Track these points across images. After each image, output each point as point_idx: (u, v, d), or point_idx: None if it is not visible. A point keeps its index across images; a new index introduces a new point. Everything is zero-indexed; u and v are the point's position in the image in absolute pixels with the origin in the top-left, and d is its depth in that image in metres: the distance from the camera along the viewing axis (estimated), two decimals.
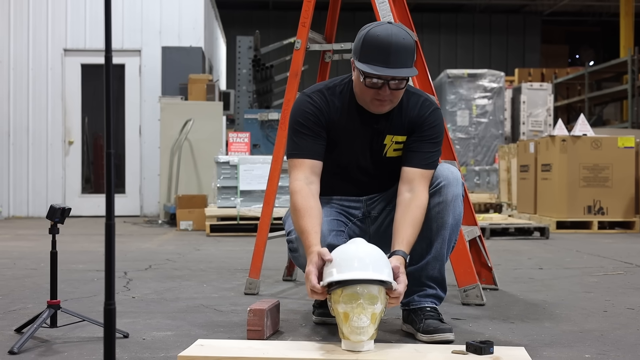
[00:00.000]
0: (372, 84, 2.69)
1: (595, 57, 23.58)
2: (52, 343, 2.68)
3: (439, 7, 22.27)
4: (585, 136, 8.59)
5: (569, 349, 2.62)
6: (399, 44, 2.65)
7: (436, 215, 2.79)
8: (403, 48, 2.66)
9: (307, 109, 2.84)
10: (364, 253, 2.50)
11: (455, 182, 2.81)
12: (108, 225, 1.61)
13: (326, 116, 2.84)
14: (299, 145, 2.82)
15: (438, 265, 2.84)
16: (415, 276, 2.84)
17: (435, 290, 2.87)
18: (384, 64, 2.64)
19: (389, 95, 2.72)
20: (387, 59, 2.64)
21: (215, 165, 8.19)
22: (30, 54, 11.29)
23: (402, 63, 2.66)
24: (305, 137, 2.82)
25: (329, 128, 2.85)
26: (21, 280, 4.34)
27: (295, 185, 2.76)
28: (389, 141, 2.87)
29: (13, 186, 11.27)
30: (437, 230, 2.80)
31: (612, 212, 8.52)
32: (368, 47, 2.67)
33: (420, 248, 2.82)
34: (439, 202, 2.79)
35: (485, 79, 13.12)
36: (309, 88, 2.94)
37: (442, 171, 2.83)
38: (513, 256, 5.87)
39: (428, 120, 2.86)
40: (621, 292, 4.00)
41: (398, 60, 2.65)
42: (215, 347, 2.52)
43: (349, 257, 2.47)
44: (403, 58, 2.66)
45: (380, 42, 2.65)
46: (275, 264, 4.90)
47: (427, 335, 2.71)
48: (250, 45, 11.73)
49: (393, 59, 2.64)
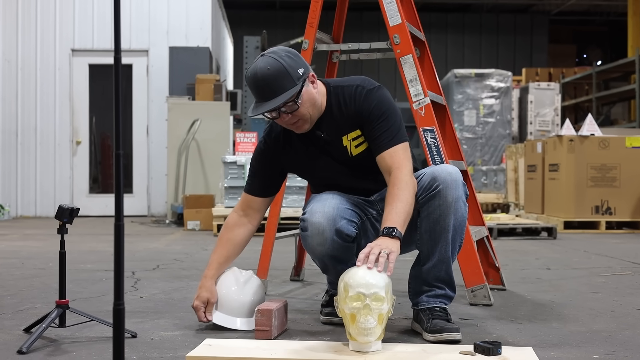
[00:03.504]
0: (272, 117, 2.81)
1: (602, 56, 23.51)
2: (61, 343, 2.69)
3: (446, 7, 22.23)
4: (593, 136, 8.57)
5: (576, 350, 2.61)
6: (263, 77, 2.71)
7: (437, 218, 2.77)
8: (269, 79, 2.71)
9: (257, 152, 3.06)
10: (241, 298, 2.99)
11: (454, 185, 2.76)
12: (117, 226, 1.61)
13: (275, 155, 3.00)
14: (247, 182, 3.10)
15: (444, 266, 2.84)
16: (423, 277, 2.85)
17: (444, 290, 2.86)
18: (261, 99, 2.74)
19: (290, 119, 2.79)
20: (261, 94, 2.73)
21: (222, 165, 8.20)
22: (38, 54, 11.33)
23: (274, 92, 2.71)
24: (253, 176, 3.07)
25: (284, 163, 3.01)
26: (30, 280, 4.35)
27: (229, 217, 3.13)
28: (346, 141, 2.89)
29: (21, 186, 11.30)
30: (440, 233, 2.79)
31: (620, 212, 8.50)
32: (250, 90, 2.81)
33: (425, 250, 2.83)
34: (439, 205, 2.76)
35: (492, 79, 13.10)
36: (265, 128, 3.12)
37: (440, 173, 2.78)
38: (520, 256, 5.86)
39: (365, 106, 2.84)
40: (629, 292, 4.00)
41: (268, 92, 2.71)
42: (223, 347, 2.52)
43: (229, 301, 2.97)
44: (273, 87, 2.71)
45: (250, 82, 2.76)
46: (283, 264, 4.91)
47: (433, 334, 2.71)
48: (258, 45, 11.75)
49: (264, 93, 2.72)
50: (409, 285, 2.93)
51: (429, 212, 2.78)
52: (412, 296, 2.91)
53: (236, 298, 2.95)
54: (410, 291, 2.92)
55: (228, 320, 2.92)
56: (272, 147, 3.00)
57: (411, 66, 3.63)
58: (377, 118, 2.81)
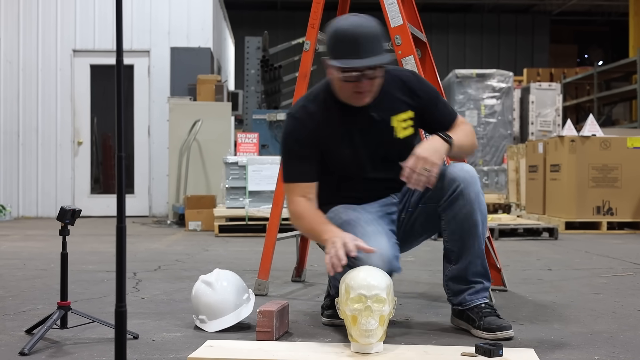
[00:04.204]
0: (349, 78, 2.70)
1: (604, 56, 23.50)
2: (63, 344, 2.69)
3: (448, 7, 22.23)
4: (594, 136, 8.57)
5: (578, 351, 2.61)
6: (366, 33, 2.67)
7: (465, 216, 2.80)
8: (370, 36, 2.67)
9: (294, 132, 2.88)
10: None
11: (473, 181, 2.81)
12: (119, 228, 1.62)
13: (313, 133, 2.85)
14: (292, 170, 2.89)
15: (480, 260, 2.88)
16: (461, 276, 2.87)
17: (482, 284, 2.90)
18: (355, 55, 2.65)
19: (367, 86, 2.74)
20: (358, 50, 2.65)
21: (223, 166, 8.20)
22: (40, 54, 11.34)
23: (372, 51, 2.67)
24: (297, 162, 2.87)
25: (321, 141, 2.86)
26: (31, 281, 4.36)
27: (296, 205, 2.86)
28: (395, 122, 2.89)
29: (22, 186, 11.31)
30: (469, 230, 2.81)
31: (622, 213, 8.49)
32: (337, 43, 2.69)
33: (457, 249, 2.86)
34: (464, 204, 2.79)
35: (493, 79, 13.09)
36: (292, 106, 2.98)
37: (457, 172, 2.81)
38: (522, 257, 5.86)
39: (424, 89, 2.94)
40: (630, 293, 3.99)
41: (368, 49, 2.66)
42: (224, 348, 2.53)
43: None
44: (372, 46, 2.67)
45: (347, 35, 2.67)
46: (284, 264, 4.91)
47: (490, 332, 2.76)
48: (259, 46, 11.74)
49: (363, 49, 2.66)
50: (446, 286, 2.94)
51: (455, 212, 2.80)
52: (452, 297, 2.92)
53: (219, 298, 2.94)
54: (449, 292, 2.93)
55: (228, 320, 2.92)
56: (311, 126, 2.86)
57: (413, 67, 3.63)
58: (436, 98, 2.96)
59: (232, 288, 2.99)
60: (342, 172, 2.94)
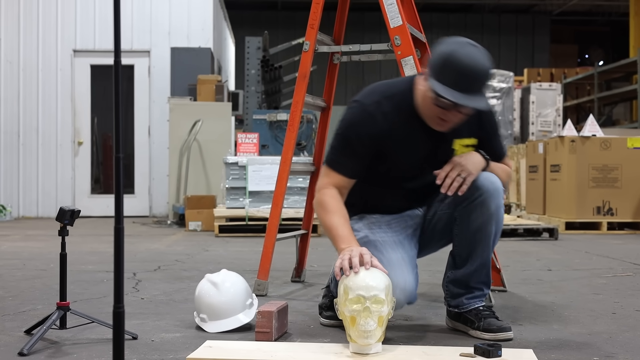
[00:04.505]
0: (442, 105, 2.62)
1: (604, 57, 23.49)
2: (62, 344, 2.69)
3: (448, 7, 22.23)
4: (595, 137, 8.57)
5: (577, 352, 2.61)
6: (481, 72, 2.57)
7: (480, 226, 2.79)
8: (484, 75, 2.59)
9: (360, 126, 2.75)
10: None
11: (496, 194, 2.78)
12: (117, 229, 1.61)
13: (380, 134, 2.75)
14: (340, 159, 2.79)
15: (485, 270, 2.89)
16: (463, 281, 2.88)
17: (482, 291, 2.91)
18: (463, 91, 2.54)
19: (454, 118, 2.68)
20: (467, 87, 2.55)
21: (224, 166, 8.21)
22: (40, 55, 11.34)
23: (480, 91, 2.59)
24: (348, 154, 2.77)
25: (384, 144, 2.77)
26: (31, 281, 4.36)
27: (326, 190, 2.78)
28: (458, 146, 2.84)
29: (23, 186, 11.32)
30: (481, 240, 2.81)
31: (622, 213, 8.49)
32: (449, 70, 2.55)
33: (465, 254, 2.85)
34: (482, 214, 2.77)
35: (494, 79, 13.09)
36: (367, 94, 2.82)
37: (483, 181, 2.77)
38: (522, 257, 5.86)
39: (491, 120, 2.94)
40: (630, 293, 4.00)
41: (476, 89, 2.58)
42: (223, 348, 2.53)
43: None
44: (481, 86, 2.60)
45: (463, 68, 2.54)
46: (284, 265, 4.91)
47: (490, 333, 2.77)
48: (259, 46, 11.74)
49: (472, 87, 2.56)
50: (445, 288, 2.94)
51: (471, 219, 2.78)
52: (450, 298, 2.92)
53: (223, 300, 2.94)
54: (447, 293, 2.93)
55: (228, 323, 2.92)
56: (380, 125, 2.74)
57: (412, 68, 3.63)
58: (496, 133, 2.97)
59: (236, 291, 2.98)
60: (387, 180, 2.89)
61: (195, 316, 3.02)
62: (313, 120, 9.76)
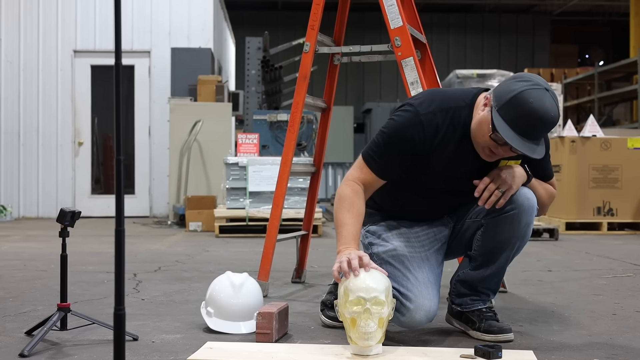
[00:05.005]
0: (497, 139, 2.56)
1: (605, 57, 23.49)
2: (62, 346, 2.70)
3: (448, 7, 22.24)
4: (595, 137, 8.57)
5: (577, 353, 2.61)
6: (548, 121, 2.49)
7: (506, 239, 2.77)
8: (549, 125, 2.50)
9: (410, 136, 2.67)
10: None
11: (530, 210, 2.73)
12: (118, 231, 1.62)
13: (428, 148, 2.69)
14: (378, 160, 2.73)
15: (497, 279, 2.88)
16: (473, 283, 2.87)
17: (488, 296, 2.91)
18: (524, 136, 2.48)
19: (504, 154, 2.63)
20: (530, 133, 2.49)
21: (224, 166, 8.21)
22: (40, 55, 11.34)
23: (538, 139, 2.53)
24: (388, 158, 2.72)
25: (429, 157, 2.71)
26: (31, 282, 4.36)
27: (352, 184, 2.73)
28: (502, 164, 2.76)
29: (23, 187, 11.32)
30: (503, 251, 2.79)
31: (622, 214, 8.49)
32: (516, 110, 2.48)
33: (482, 260, 2.83)
34: (511, 228, 2.74)
35: (494, 79, 13.08)
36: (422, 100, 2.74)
37: (518, 196, 2.72)
38: (522, 258, 5.84)
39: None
40: (630, 294, 4.00)
41: (537, 137, 2.52)
42: (224, 350, 2.53)
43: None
44: (543, 134, 2.54)
45: (531, 114, 2.46)
46: (284, 265, 4.91)
47: (491, 335, 2.77)
48: (259, 46, 11.74)
49: (536, 135, 2.51)
50: (453, 285, 2.94)
51: (498, 231, 2.75)
52: (455, 296, 2.93)
53: (235, 302, 2.95)
54: (453, 291, 2.93)
55: (229, 326, 2.92)
56: (428, 135, 2.67)
57: (412, 69, 3.63)
58: (546, 154, 2.83)
59: (250, 300, 2.98)
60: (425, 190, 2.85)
61: (202, 306, 3.02)
62: (313, 120, 9.77)
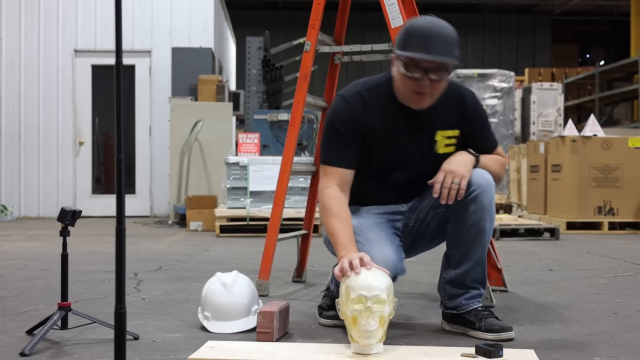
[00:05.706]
0: (412, 75, 2.69)
1: (605, 56, 23.48)
2: (63, 345, 2.70)
3: (449, 7, 22.23)
4: (596, 136, 8.57)
5: (578, 352, 2.61)
6: (440, 32, 2.67)
7: (474, 222, 2.79)
8: (444, 36, 2.67)
9: (343, 115, 2.84)
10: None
11: (489, 188, 2.80)
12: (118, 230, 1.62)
13: (363, 122, 2.83)
14: (332, 153, 2.85)
15: (480, 268, 2.88)
16: (460, 280, 2.87)
17: (478, 290, 2.91)
18: (425, 51, 2.64)
19: (428, 87, 2.72)
20: (429, 46, 2.64)
21: (225, 166, 8.21)
22: (41, 55, 11.35)
23: (443, 51, 2.65)
24: (339, 145, 2.83)
25: (367, 132, 2.84)
26: (32, 282, 4.36)
27: (328, 191, 2.82)
28: (440, 137, 2.88)
29: (24, 187, 11.32)
30: (475, 236, 2.81)
31: (623, 213, 8.49)
32: (410, 37, 2.68)
33: (459, 254, 2.85)
34: (476, 209, 2.78)
35: (495, 79, 13.09)
36: (347, 89, 2.91)
37: (475, 177, 2.79)
38: (523, 257, 5.86)
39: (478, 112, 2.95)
40: (631, 294, 3.99)
41: (439, 49, 2.65)
42: (225, 349, 2.53)
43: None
44: (444, 46, 2.66)
45: (422, 30, 2.67)
46: (285, 265, 4.91)
47: (492, 334, 2.77)
48: (260, 46, 11.74)
49: (435, 47, 2.64)
50: (442, 289, 2.93)
51: (466, 216, 2.79)
52: (447, 300, 2.92)
53: (230, 302, 2.94)
54: (444, 295, 2.93)
55: (229, 326, 2.92)
56: (362, 114, 2.84)
57: None
58: (484, 124, 2.99)
59: (244, 296, 2.98)
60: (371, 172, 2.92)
61: (199, 312, 3.02)
62: (314, 120, 9.77)
